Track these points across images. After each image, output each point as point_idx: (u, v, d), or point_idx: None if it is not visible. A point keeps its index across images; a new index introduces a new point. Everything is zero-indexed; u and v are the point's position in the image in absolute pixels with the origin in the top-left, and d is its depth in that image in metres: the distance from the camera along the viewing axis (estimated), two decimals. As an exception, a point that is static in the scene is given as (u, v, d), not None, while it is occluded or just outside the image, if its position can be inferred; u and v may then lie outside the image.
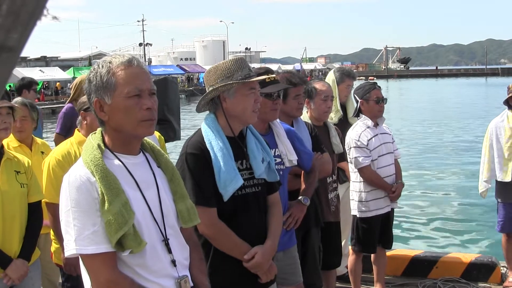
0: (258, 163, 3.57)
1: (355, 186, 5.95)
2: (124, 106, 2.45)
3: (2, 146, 4.30)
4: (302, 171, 4.71)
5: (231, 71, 3.48)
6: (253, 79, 3.48)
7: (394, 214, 6.24)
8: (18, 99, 5.70)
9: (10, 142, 5.06)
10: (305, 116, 5.60)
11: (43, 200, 4.45)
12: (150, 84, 2.52)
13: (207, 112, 3.72)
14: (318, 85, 5.61)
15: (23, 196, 4.22)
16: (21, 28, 0.89)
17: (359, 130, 5.87)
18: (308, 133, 4.98)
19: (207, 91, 3.57)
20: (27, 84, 8.41)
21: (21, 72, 44.53)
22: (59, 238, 4.47)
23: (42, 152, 5.53)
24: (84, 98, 4.72)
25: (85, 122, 4.73)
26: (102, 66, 2.49)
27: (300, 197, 4.55)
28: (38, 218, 4.35)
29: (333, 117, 6.55)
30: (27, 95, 8.25)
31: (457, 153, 22.79)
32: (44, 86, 59.38)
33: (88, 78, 2.52)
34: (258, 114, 3.68)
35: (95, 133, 2.61)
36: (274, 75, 4.21)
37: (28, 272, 4.18)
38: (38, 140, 5.65)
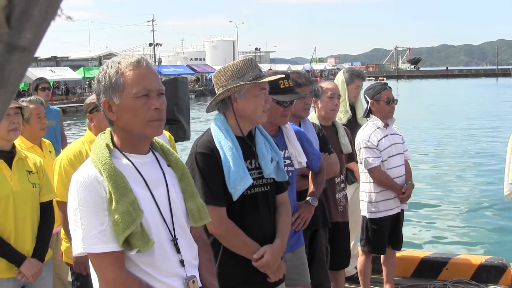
0: (267, 163, 3.58)
1: (365, 187, 5.94)
2: (132, 106, 2.45)
3: (14, 146, 4.30)
4: (310, 172, 4.71)
5: (242, 72, 3.48)
6: (264, 80, 3.49)
7: (404, 215, 6.22)
8: (32, 97, 5.74)
9: (21, 144, 5.08)
10: (313, 116, 5.59)
11: (54, 199, 4.47)
12: (158, 84, 2.51)
13: (216, 112, 3.72)
14: (324, 84, 5.64)
15: (35, 196, 4.23)
16: (35, 28, 0.89)
17: (369, 130, 5.86)
18: (315, 134, 4.97)
19: (217, 92, 3.58)
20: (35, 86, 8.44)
21: (32, 72, 44.68)
22: (70, 237, 4.49)
23: (50, 152, 5.58)
24: (88, 101, 4.75)
25: (92, 124, 4.75)
26: (111, 67, 2.50)
27: (308, 198, 4.55)
28: (50, 217, 4.36)
29: (342, 117, 6.54)
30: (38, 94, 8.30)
31: (467, 153, 22.70)
32: (54, 86, 59.61)
33: (97, 78, 2.53)
34: (268, 118, 3.69)
35: (104, 132, 2.62)
36: (283, 75, 4.18)
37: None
38: (45, 140, 5.69)
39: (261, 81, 3.47)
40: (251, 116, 3.54)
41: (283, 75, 4.15)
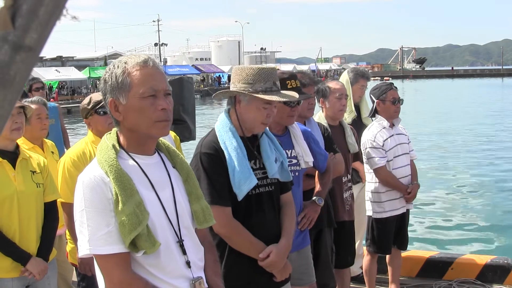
0: (272, 163, 3.59)
1: (371, 187, 5.94)
2: (139, 106, 2.43)
3: (18, 146, 4.30)
4: (316, 172, 4.71)
5: (253, 80, 3.45)
6: (266, 97, 3.43)
7: (410, 215, 6.22)
8: (35, 98, 5.75)
9: (22, 144, 5.08)
10: (321, 116, 5.60)
11: (58, 200, 4.47)
12: (165, 84, 2.49)
13: (221, 111, 3.73)
14: (332, 84, 5.63)
15: (39, 196, 4.23)
16: (41, 28, 0.89)
17: (375, 130, 5.86)
18: (320, 134, 4.98)
19: (230, 86, 3.59)
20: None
21: (37, 71, 44.69)
22: (74, 238, 4.49)
23: (52, 152, 5.57)
24: (81, 107, 4.78)
25: (91, 128, 4.77)
26: (118, 66, 2.48)
27: (314, 198, 4.56)
28: (54, 217, 4.36)
29: (347, 117, 6.54)
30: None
31: (473, 153, 22.67)
32: (59, 86, 59.77)
33: (104, 78, 2.51)
34: (275, 118, 3.68)
35: (110, 133, 2.60)
36: (285, 75, 4.16)
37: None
38: (47, 140, 5.69)
39: (262, 96, 3.43)
40: (248, 123, 3.54)
41: (292, 78, 4.16)
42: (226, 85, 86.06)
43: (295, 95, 3.64)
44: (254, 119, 3.52)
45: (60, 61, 74.24)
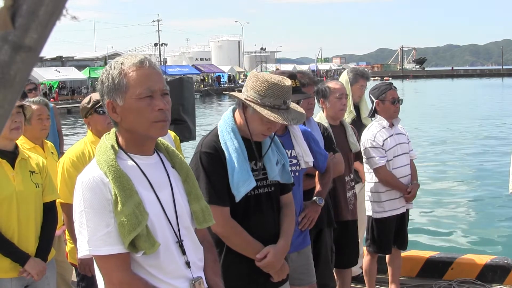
0: (273, 166, 3.58)
1: (371, 187, 5.94)
2: (136, 107, 2.43)
3: (17, 146, 4.30)
4: (316, 172, 4.71)
5: (264, 93, 3.39)
6: (270, 117, 3.37)
7: (409, 214, 6.22)
8: (36, 98, 5.75)
9: (24, 144, 5.07)
10: (321, 116, 5.60)
11: (57, 200, 4.47)
12: (162, 84, 2.48)
13: (224, 111, 3.72)
14: (331, 84, 5.63)
15: (38, 196, 4.23)
16: (41, 28, 0.89)
17: (375, 130, 5.86)
18: (320, 134, 4.98)
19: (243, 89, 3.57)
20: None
21: (37, 71, 44.63)
22: (74, 238, 4.49)
23: (52, 153, 5.58)
24: (81, 106, 4.79)
25: (90, 127, 4.78)
26: (114, 68, 2.47)
27: (314, 198, 4.56)
28: (53, 217, 4.36)
29: (346, 117, 6.53)
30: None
31: (472, 153, 22.67)
32: (59, 86, 59.76)
33: (101, 80, 2.50)
34: None
35: (109, 133, 2.60)
36: (285, 75, 4.16)
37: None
38: (47, 141, 5.69)
39: (265, 114, 3.37)
40: (250, 129, 3.53)
41: (292, 77, 4.16)
42: (226, 85, 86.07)
43: (302, 116, 3.58)
44: (255, 129, 3.50)
45: (60, 61, 74.15)
